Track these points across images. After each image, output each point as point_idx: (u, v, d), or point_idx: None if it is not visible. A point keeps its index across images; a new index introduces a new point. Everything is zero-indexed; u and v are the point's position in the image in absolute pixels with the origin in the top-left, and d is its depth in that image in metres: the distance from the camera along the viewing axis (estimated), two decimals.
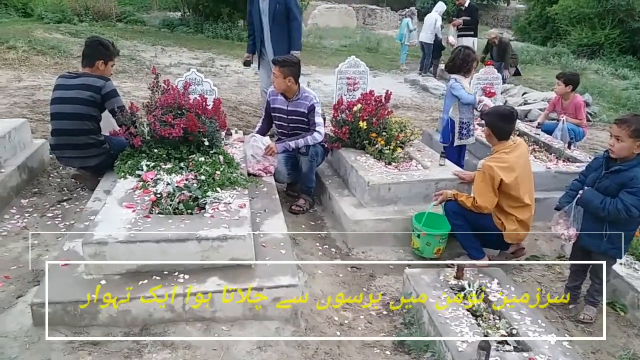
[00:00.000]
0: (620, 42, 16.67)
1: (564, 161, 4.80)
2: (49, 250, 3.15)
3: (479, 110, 4.51)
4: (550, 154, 5.01)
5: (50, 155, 4.46)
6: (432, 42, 10.91)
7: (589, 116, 7.96)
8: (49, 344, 2.31)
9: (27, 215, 3.58)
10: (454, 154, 4.64)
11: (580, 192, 2.99)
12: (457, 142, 4.64)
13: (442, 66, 11.47)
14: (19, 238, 3.29)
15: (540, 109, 7.86)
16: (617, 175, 2.86)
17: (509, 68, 9.62)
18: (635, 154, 2.83)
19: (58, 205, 3.76)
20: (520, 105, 8.75)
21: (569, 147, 5.05)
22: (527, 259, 3.78)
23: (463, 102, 4.46)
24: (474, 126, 4.76)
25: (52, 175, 4.32)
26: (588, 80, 11.48)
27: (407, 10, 12.76)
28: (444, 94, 9.34)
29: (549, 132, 5.57)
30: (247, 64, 5.83)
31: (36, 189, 3.99)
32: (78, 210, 3.65)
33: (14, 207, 3.66)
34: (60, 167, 4.38)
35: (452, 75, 4.55)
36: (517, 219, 3.44)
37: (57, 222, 3.52)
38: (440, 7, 10.83)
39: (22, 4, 14.31)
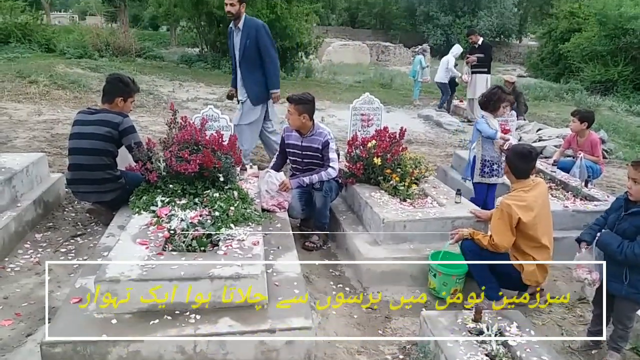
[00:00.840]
0: (634, 78, 16.68)
1: (581, 200, 4.71)
2: (61, 286, 3.13)
3: (505, 149, 4.41)
4: (567, 192, 4.93)
5: (66, 190, 4.49)
6: (447, 82, 11.07)
7: (605, 153, 7.87)
8: None
9: (40, 250, 3.58)
10: (482, 193, 4.58)
11: (598, 234, 2.92)
12: (476, 179, 4.58)
13: (455, 102, 11.55)
14: (32, 274, 3.28)
15: (555, 146, 7.80)
16: (636, 218, 2.78)
17: (523, 115, 9.72)
18: None
19: (72, 240, 3.76)
20: (535, 141, 8.69)
21: (585, 185, 4.97)
22: (546, 302, 3.66)
23: (484, 136, 4.48)
24: (501, 166, 4.57)
25: (67, 209, 4.34)
26: (602, 117, 11.43)
27: (419, 47, 12.96)
28: (457, 129, 9.50)
29: (565, 169, 5.50)
30: (230, 97, 5.64)
31: (51, 224, 4.01)
32: (91, 245, 3.65)
33: (28, 242, 3.67)
34: (75, 202, 4.41)
35: (481, 112, 4.66)
36: (534, 259, 3.35)
37: (70, 257, 3.52)
38: (457, 49, 11.04)
39: (45, 39, 14.87)
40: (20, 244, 3.62)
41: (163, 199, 3.39)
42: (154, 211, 3.27)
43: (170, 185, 3.50)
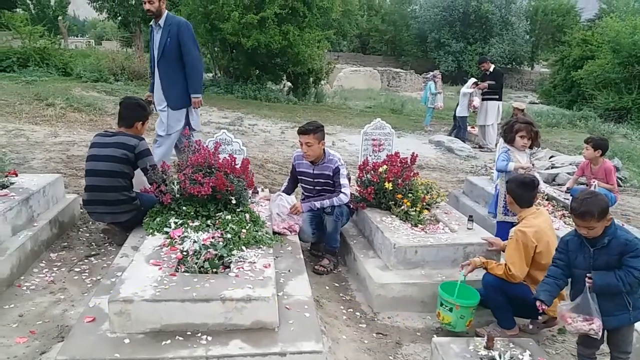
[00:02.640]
0: None
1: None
2: (75, 305, 3.16)
3: None
4: None
5: (81, 210, 4.57)
6: (467, 116, 11.06)
7: (619, 181, 7.80)
8: None
9: (55, 269, 3.63)
10: (505, 232, 4.02)
11: (588, 280, 2.74)
12: (499, 218, 4.34)
13: (470, 129, 11.56)
14: (46, 292, 3.31)
15: (568, 173, 7.75)
16: (609, 248, 2.72)
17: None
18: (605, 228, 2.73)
19: (85, 260, 3.81)
20: (548, 168, 8.65)
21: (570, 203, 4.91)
22: (559, 330, 3.61)
23: (497, 170, 4.36)
24: None
25: (81, 229, 4.40)
26: (617, 144, 11.37)
27: (430, 73, 13.06)
28: (469, 155, 9.50)
29: None
30: (147, 103, 4.95)
31: (65, 243, 4.06)
32: (105, 265, 3.69)
33: (43, 261, 3.72)
34: (90, 222, 4.47)
35: (504, 145, 4.50)
36: None
37: (84, 277, 3.56)
38: (470, 82, 11.01)
39: (62, 63, 15.23)
40: (36, 263, 3.67)
41: (176, 220, 3.44)
42: (167, 232, 3.32)
43: (184, 207, 3.56)
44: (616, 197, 5.61)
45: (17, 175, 4.17)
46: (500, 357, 2.78)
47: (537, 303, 2.87)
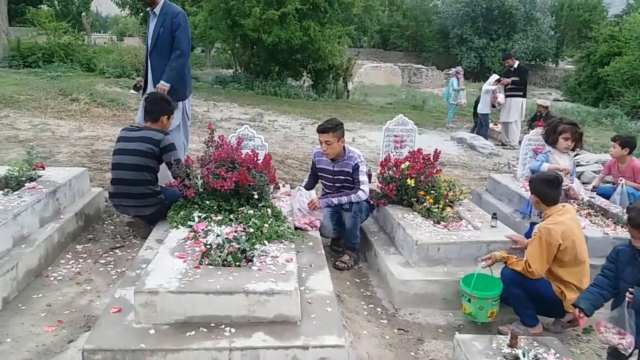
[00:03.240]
0: None
1: (622, 227, 4.56)
2: (101, 296, 3.22)
3: (570, 194, 4.15)
4: (607, 218, 4.79)
5: (106, 203, 4.65)
6: (489, 113, 10.88)
7: None
8: None
9: (81, 260, 3.70)
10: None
11: (629, 295, 2.68)
12: (533, 219, 4.23)
13: (490, 125, 11.40)
14: (73, 283, 3.39)
15: (594, 171, 7.60)
16: None
17: None
18: None
19: (111, 252, 3.88)
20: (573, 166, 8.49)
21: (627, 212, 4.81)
22: (584, 330, 3.55)
23: (530, 169, 4.23)
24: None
25: (106, 222, 4.48)
26: None
27: (453, 69, 12.93)
28: (492, 152, 9.37)
29: (605, 195, 5.35)
30: (136, 88, 5.06)
31: (91, 236, 4.14)
32: (130, 257, 3.75)
33: (70, 252, 3.80)
34: (115, 215, 4.55)
35: (547, 147, 4.50)
36: (576, 287, 3.28)
37: (109, 268, 3.62)
38: (493, 79, 10.79)
39: (86, 59, 15.49)
40: (62, 254, 3.75)
41: (200, 214, 3.48)
42: (191, 226, 3.36)
43: (207, 202, 3.60)
44: None
45: (44, 169, 4.26)
46: (524, 356, 2.75)
47: (577, 311, 2.81)
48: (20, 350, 2.59)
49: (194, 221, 3.40)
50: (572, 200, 4.26)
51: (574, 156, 9.23)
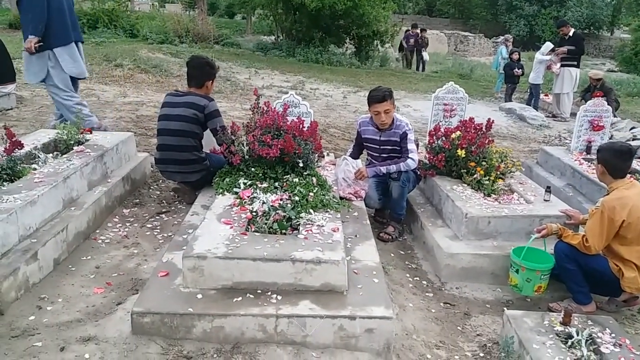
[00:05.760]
0: None
1: None
2: (148, 260, 3.26)
3: None
4: None
5: (152, 169, 4.70)
6: (540, 83, 10.42)
7: None
8: (145, 354, 2.36)
9: (128, 224, 3.75)
10: None
11: None
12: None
13: (543, 96, 10.85)
14: (120, 246, 3.43)
15: None
16: None
17: (614, 112, 8.91)
18: None
19: (157, 217, 3.91)
20: (629, 140, 8.03)
21: None
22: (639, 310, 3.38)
23: None
24: None
25: (152, 187, 4.53)
26: None
27: (501, 37, 12.37)
28: (542, 124, 8.95)
29: None
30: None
31: (137, 200, 4.20)
32: (176, 223, 3.78)
33: (117, 216, 3.85)
34: (160, 180, 4.59)
35: None
36: (636, 266, 3.12)
37: (155, 233, 3.66)
38: (546, 48, 10.21)
39: (129, 25, 15.65)
40: (110, 217, 3.80)
41: (245, 181, 3.45)
42: (236, 193, 3.34)
43: (252, 169, 3.56)
44: None
45: (91, 133, 4.32)
46: (577, 334, 2.64)
47: None
48: (72, 310, 2.65)
49: (239, 188, 3.38)
50: None
51: (612, 124, 8.76)
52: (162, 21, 16.08)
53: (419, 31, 15.94)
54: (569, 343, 2.60)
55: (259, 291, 2.56)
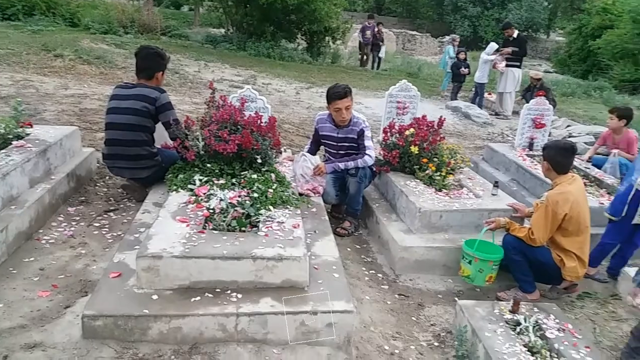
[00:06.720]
0: None
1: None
2: (97, 260, 3.12)
3: None
4: (602, 188, 4.83)
5: (98, 165, 4.50)
6: (485, 82, 10.78)
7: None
8: (98, 359, 2.26)
9: (74, 223, 3.57)
10: (623, 231, 3.76)
11: None
12: (636, 220, 3.65)
13: (487, 95, 11.27)
14: (66, 246, 3.27)
15: (586, 142, 7.65)
16: None
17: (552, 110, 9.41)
18: None
19: (105, 215, 3.75)
20: (565, 137, 8.51)
21: (621, 182, 4.85)
22: (579, 296, 3.63)
23: None
24: None
25: (98, 184, 4.33)
26: None
27: (448, 37, 12.75)
28: (486, 122, 9.29)
29: (599, 166, 5.42)
30: None
31: (83, 198, 4.00)
32: (125, 221, 3.64)
33: (62, 215, 3.66)
34: (107, 177, 4.41)
35: None
36: (576, 256, 3.33)
37: (104, 232, 3.51)
38: (490, 48, 10.62)
39: (69, 13, 14.81)
40: (54, 216, 3.61)
41: (201, 178, 3.37)
42: (191, 190, 3.25)
43: (208, 165, 3.47)
44: None
45: (32, 127, 4.06)
46: (525, 321, 2.79)
47: (637, 290, 2.71)
48: (14, 316, 2.49)
49: (194, 185, 3.30)
50: None
51: (566, 127, 9.33)
52: (106, 10, 15.35)
53: (375, 23, 15.68)
54: (518, 330, 2.74)
55: (217, 290, 2.52)
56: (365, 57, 16.27)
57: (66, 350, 2.29)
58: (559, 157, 3.36)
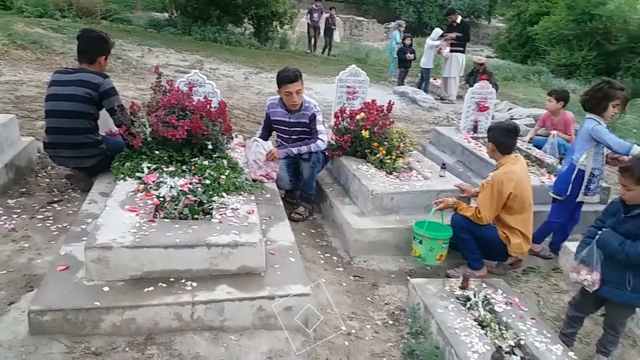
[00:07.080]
0: (596, 63, 17.18)
1: (555, 176, 4.83)
2: (42, 254, 2.99)
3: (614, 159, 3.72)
4: (542, 168, 5.07)
5: (39, 154, 4.28)
6: (431, 67, 10.98)
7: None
8: (47, 355, 2.18)
9: (15, 216, 3.40)
10: (568, 212, 3.91)
11: (599, 232, 2.68)
12: (580, 198, 3.80)
13: (432, 80, 11.51)
14: (8, 240, 3.11)
15: (527, 125, 7.99)
16: (637, 219, 2.58)
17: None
18: None
19: (48, 207, 3.58)
20: (507, 120, 8.86)
21: (560, 162, 5.12)
22: (523, 271, 3.81)
23: (613, 150, 3.63)
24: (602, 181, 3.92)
25: (40, 175, 4.13)
26: None
27: (394, 23, 12.89)
28: (432, 106, 9.53)
29: (539, 147, 5.67)
30: None
31: (24, 189, 3.81)
32: (71, 212, 3.49)
33: (1, 208, 3.47)
34: (49, 167, 4.20)
35: (589, 115, 3.71)
36: (521, 233, 3.48)
37: (48, 224, 3.35)
38: (435, 34, 10.80)
39: None
40: None
41: (149, 165, 3.28)
42: (139, 178, 3.16)
43: (157, 152, 3.38)
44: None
45: None
46: (474, 297, 2.92)
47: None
48: None
49: (142, 172, 3.20)
50: None
51: (508, 110, 9.74)
52: None
53: (322, 6, 15.57)
54: (468, 305, 2.87)
55: (172, 279, 2.48)
56: (314, 40, 16.20)
57: (12, 348, 2.20)
58: (503, 138, 3.48)
